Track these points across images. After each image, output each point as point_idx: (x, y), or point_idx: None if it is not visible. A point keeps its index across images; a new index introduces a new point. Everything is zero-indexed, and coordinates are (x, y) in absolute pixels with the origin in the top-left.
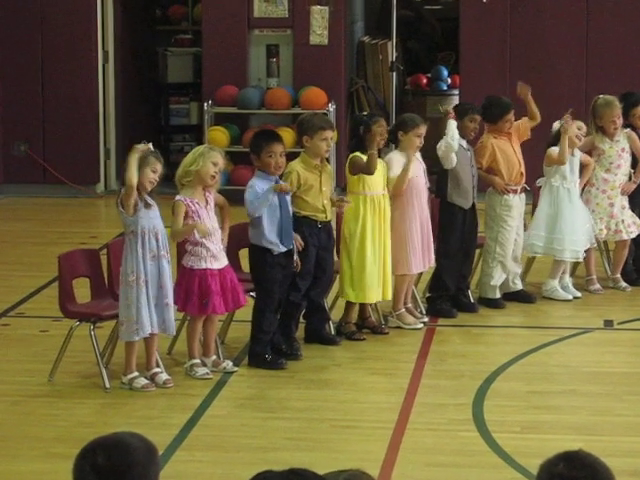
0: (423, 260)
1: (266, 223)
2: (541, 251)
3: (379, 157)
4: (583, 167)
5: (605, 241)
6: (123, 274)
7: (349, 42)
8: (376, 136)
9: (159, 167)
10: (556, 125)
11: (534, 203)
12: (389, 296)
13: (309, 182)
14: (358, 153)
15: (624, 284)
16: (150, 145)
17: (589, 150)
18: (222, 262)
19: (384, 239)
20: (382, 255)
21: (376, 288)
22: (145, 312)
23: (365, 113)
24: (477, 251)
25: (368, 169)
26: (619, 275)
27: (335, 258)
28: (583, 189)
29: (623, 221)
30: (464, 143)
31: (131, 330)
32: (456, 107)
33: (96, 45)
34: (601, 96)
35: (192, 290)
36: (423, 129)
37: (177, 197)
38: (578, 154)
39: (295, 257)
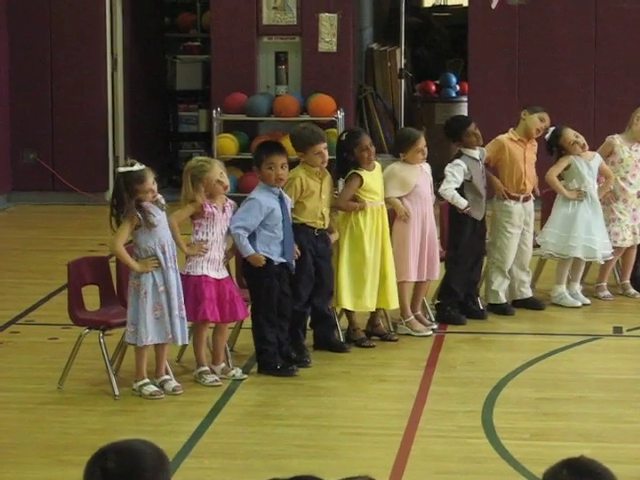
0: (423, 269)
1: (269, 239)
2: (553, 249)
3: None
4: (603, 177)
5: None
6: (130, 277)
7: (358, 49)
8: (363, 156)
9: (151, 181)
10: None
11: (543, 210)
12: (395, 305)
13: (311, 188)
14: (357, 171)
15: (633, 291)
16: (137, 163)
17: (609, 152)
18: (222, 273)
19: (384, 249)
20: (383, 264)
21: (370, 296)
22: (142, 321)
23: (343, 137)
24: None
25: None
26: (628, 281)
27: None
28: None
29: None
30: (476, 154)
31: (130, 331)
32: (453, 119)
33: (105, 52)
34: None
35: (187, 296)
36: (422, 143)
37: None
38: (598, 160)
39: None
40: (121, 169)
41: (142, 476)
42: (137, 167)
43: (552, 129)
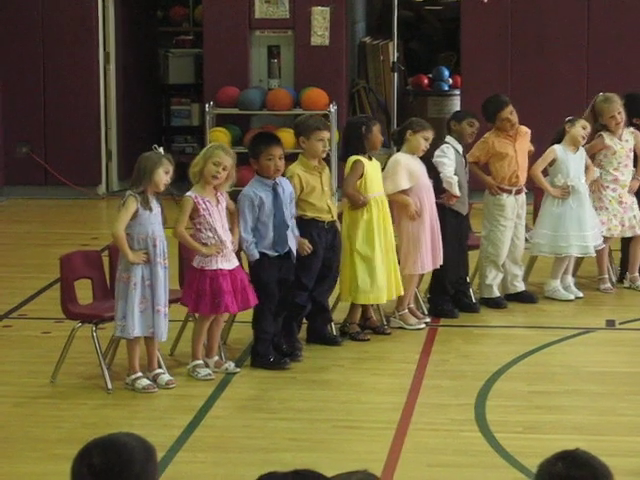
0: (433, 259)
1: (261, 233)
2: (546, 250)
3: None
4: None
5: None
6: (118, 270)
7: (350, 43)
8: (376, 139)
9: (171, 169)
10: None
11: (535, 204)
12: (401, 292)
13: (311, 184)
14: (360, 157)
15: None
16: (161, 149)
17: (599, 149)
18: (233, 263)
19: (389, 239)
20: (388, 254)
21: (385, 288)
22: (130, 313)
23: (363, 115)
24: (476, 252)
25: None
26: (637, 274)
27: None
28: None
29: (635, 216)
30: (460, 148)
31: (120, 325)
32: (456, 113)
33: (97, 46)
34: (601, 94)
35: (204, 290)
36: (431, 134)
37: (187, 193)
38: (583, 153)
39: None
40: (158, 147)
41: (130, 469)
42: (162, 151)
43: (569, 118)
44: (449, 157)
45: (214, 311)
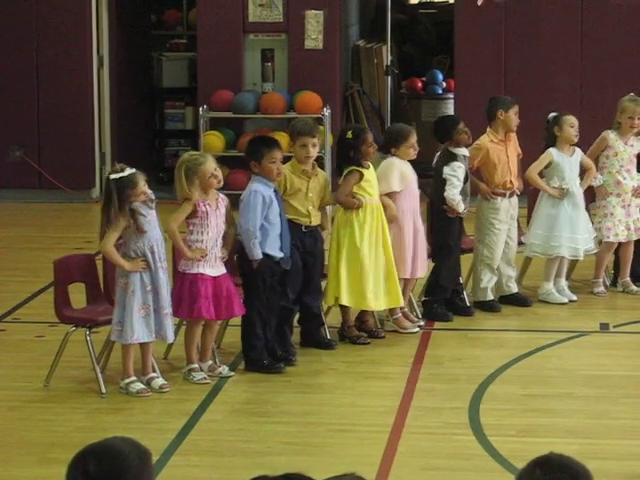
0: (416, 266)
1: (268, 232)
2: (539, 250)
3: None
4: (584, 170)
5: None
6: (116, 275)
7: (344, 46)
8: (369, 152)
9: (142, 184)
10: (551, 116)
11: (529, 207)
12: (400, 302)
13: (295, 186)
14: (355, 167)
15: (635, 287)
16: (128, 169)
17: (602, 149)
18: (219, 270)
19: (384, 246)
20: (385, 262)
21: (374, 296)
22: (128, 319)
23: (349, 135)
24: (469, 255)
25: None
26: (628, 278)
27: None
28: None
29: (639, 219)
30: (466, 152)
31: (116, 329)
32: (441, 129)
33: (91, 50)
34: (631, 93)
35: (183, 294)
36: (414, 138)
37: None
38: (579, 154)
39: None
40: (112, 176)
41: (124, 476)
42: (128, 172)
43: (553, 115)
44: (459, 177)
45: (190, 315)
